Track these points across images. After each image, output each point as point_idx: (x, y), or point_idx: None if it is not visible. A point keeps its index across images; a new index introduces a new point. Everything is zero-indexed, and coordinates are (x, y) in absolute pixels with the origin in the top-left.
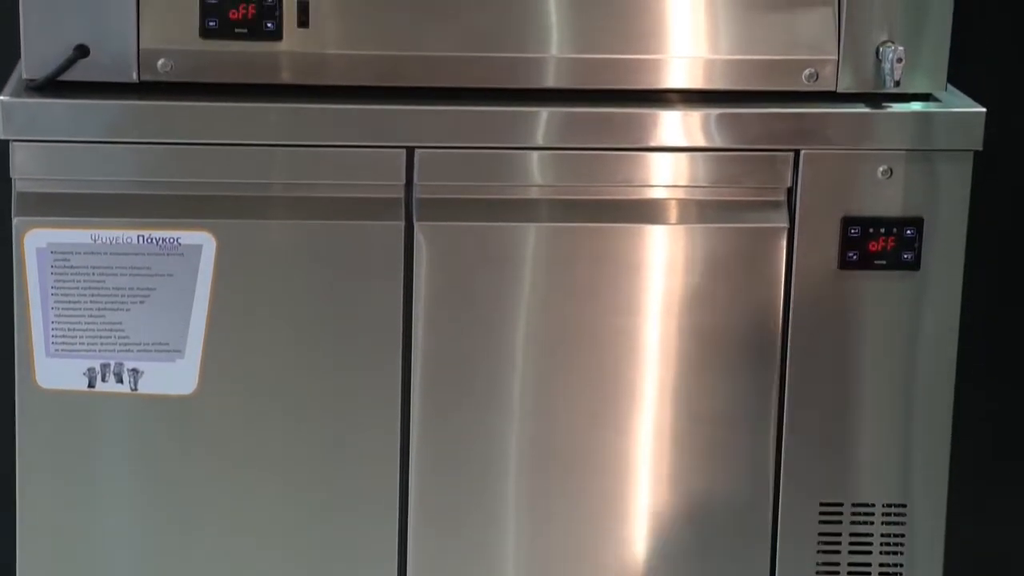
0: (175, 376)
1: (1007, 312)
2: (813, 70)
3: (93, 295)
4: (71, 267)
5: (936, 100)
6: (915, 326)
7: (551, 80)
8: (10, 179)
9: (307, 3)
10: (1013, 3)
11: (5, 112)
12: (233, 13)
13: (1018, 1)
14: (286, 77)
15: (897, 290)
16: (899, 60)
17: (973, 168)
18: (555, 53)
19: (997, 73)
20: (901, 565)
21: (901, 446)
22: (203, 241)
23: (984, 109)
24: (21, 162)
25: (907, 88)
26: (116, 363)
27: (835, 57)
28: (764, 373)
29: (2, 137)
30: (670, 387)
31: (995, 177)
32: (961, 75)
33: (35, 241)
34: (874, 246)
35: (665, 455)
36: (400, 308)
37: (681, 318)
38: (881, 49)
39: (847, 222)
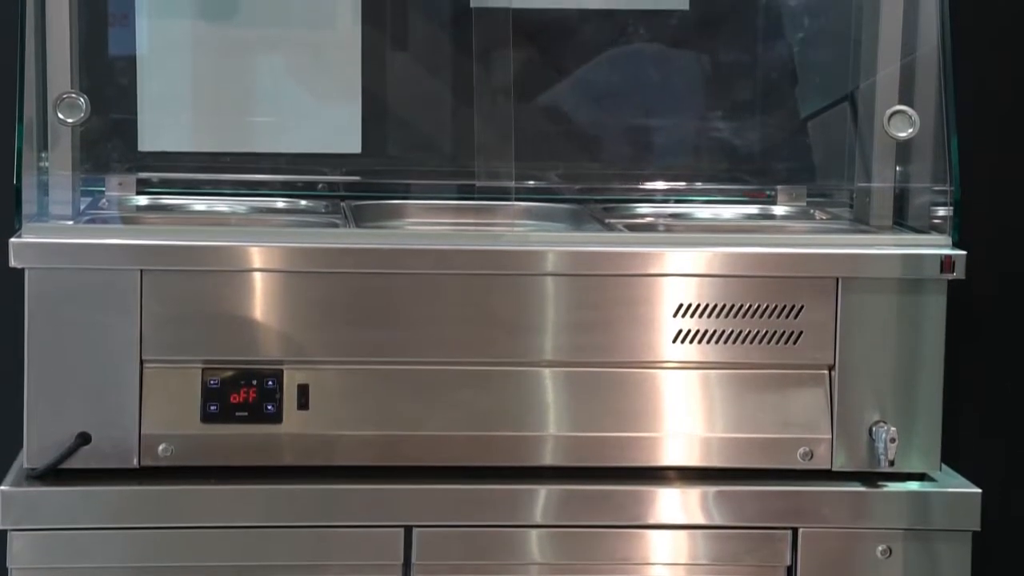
0: None
1: None
2: (807, 449)
3: None
4: None
5: (931, 479)
6: None
7: (549, 458)
8: (6, 568)
9: (307, 386)
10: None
11: (5, 502)
12: (234, 397)
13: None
14: (286, 459)
15: None
16: (892, 440)
17: (973, 548)
18: (553, 431)
19: (992, 453)
20: None
21: None
22: None
23: (979, 490)
24: (18, 551)
25: (901, 467)
26: None
27: (829, 436)
28: None
29: (1, 527)
30: None
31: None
32: (956, 454)
33: None
34: None
35: None
36: None
37: None
38: (874, 429)
39: None
